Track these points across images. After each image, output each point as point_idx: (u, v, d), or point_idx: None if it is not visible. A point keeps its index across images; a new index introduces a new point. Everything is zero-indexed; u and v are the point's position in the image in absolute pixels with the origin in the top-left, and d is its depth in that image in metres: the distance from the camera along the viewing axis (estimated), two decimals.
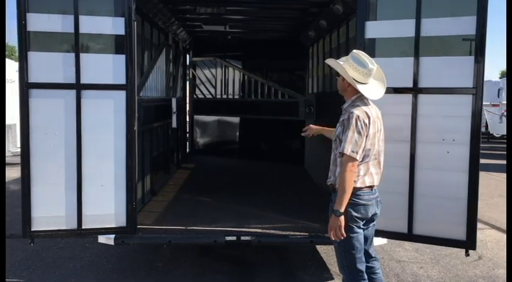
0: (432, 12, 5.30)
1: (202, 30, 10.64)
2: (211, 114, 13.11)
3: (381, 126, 4.14)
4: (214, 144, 13.58)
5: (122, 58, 5.49)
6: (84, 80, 5.40)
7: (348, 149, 3.78)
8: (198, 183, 9.47)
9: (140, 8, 6.37)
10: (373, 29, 5.58)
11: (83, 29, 5.37)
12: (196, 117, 13.38)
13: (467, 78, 5.20)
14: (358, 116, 3.83)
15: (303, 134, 4.99)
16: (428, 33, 5.33)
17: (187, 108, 12.79)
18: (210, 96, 13.14)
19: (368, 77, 4.00)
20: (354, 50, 4.12)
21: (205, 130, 13.74)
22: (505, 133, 21.03)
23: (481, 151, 5.23)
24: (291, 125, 11.51)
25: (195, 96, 13.17)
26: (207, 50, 12.77)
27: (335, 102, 8.82)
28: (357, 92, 4.00)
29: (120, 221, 5.60)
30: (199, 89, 13.27)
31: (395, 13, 5.59)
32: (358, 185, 3.94)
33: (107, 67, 5.49)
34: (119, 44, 5.54)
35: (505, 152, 16.69)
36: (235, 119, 13.14)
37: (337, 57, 8.25)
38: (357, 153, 3.81)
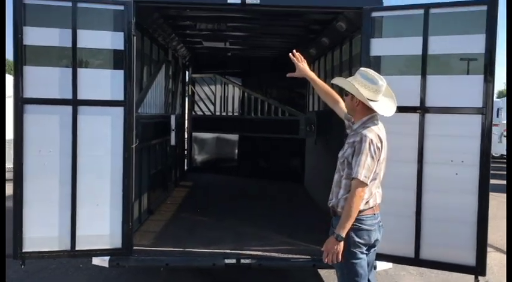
0: (440, 30, 5.18)
1: (202, 47, 10.54)
2: (210, 131, 12.95)
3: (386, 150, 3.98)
4: (213, 161, 13.39)
5: (120, 74, 5.34)
6: (81, 95, 5.24)
7: (361, 174, 3.60)
8: (196, 202, 9.24)
9: (140, 23, 6.24)
10: (379, 47, 5.46)
11: (80, 44, 5.23)
12: (195, 134, 13.21)
13: (476, 98, 5.05)
14: (372, 140, 3.65)
15: (290, 54, 4.50)
16: (435, 51, 5.20)
17: (186, 125, 12.62)
18: (209, 113, 12.98)
19: (378, 93, 3.84)
20: (361, 68, 3.97)
21: (203, 147, 13.56)
22: (504, 153, 20.88)
23: None
24: (291, 143, 11.40)
25: (193, 113, 13.01)
26: (206, 66, 12.67)
27: (337, 120, 8.74)
28: (367, 111, 3.84)
29: (116, 242, 5.38)
30: (198, 106, 13.13)
31: (402, 30, 5.48)
32: (361, 207, 3.76)
33: (104, 83, 5.34)
34: (118, 59, 5.39)
35: (505, 172, 16.47)
36: (234, 137, 12.98)
37: (340, 74, 8.23)
38: (368, 178, 3.64)
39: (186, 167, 12.83)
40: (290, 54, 4.34)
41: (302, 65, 4.30)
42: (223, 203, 9.13)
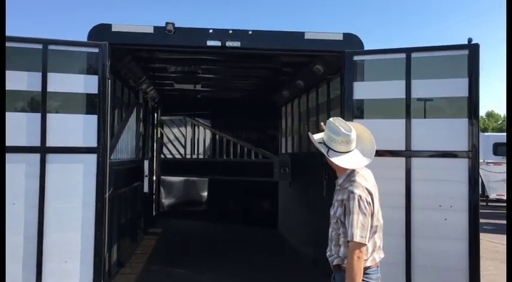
0: (422, 74, 5.17)
1: (172, 89, 10.33)
2: (179, 175, 12.55)
3: (378, 195, 3.78)
4: (182, 206, 12.92)
5: (93, 118, 5.04)
6: (50, 142, 4.89)
7: (356, 235, 3.35)
8: (167, 252, 8.76)
9: (113, 66, 5.99)
10: (361, 90, 5.39)
11: (51, 87, 4.93)
12: (163, 177, 12.78)
13: (461, 141, 5.01)
14: (360, 196, 3.42)
15: None
16: (419, 95, 5.18)
17: (154, 169, 12.19)
18: (179, 156, 12.63)
19: (348, 144, 3.58)
20: (330, 118, 3.72)
21: (171, 191, 13.11)
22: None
23: None
24: (264, 186, 11.15)
25: (162, 156, 12.63)
26: (176, 108, 12.42)
27: (312, 162, 8.69)
28: None
29: None
30: (168, 149, 12.77)
31: (384, 74, 5.44)
32: (369, 263, 3.51)
33: (76, 128, 5.02)
34: (91, 104, 5.10)
35: (499, 212, 15.94)
36: (204, 179, 12.63)
37: (316, 117, 8.18)
38: (365, 237, 3.40)
39: (154, 212, 12.30)
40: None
41: None
42: (197, 252, 8.67)
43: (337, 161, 3.52)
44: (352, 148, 3.58)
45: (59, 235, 4.88)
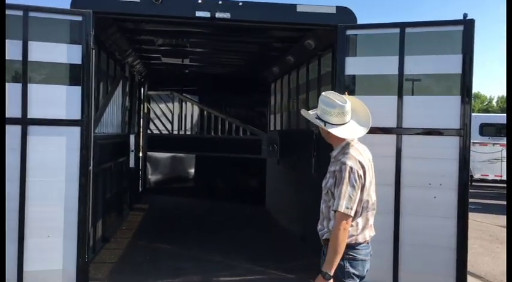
0: (416, 50, 5.06)
1: (159, 63, 10.10)
2: (166, 151, 12.40)
3: (373, 172, 3.72)
4: (168, 182, 12.82)
5: (77, 90, 4.87)
6: (31, 114, 4.73)
7: (341, 206, 3.31)
8: (153, 227, 8.69)
9: (97, 36, 5.78)
10: (353, 66, 5.27)
11: (32, 57, 4.74)
12: (149, 153, 12.63)
13: (453, 119, 4.94)
14: (352, 168, 3.37)
15: None
16: (412, 71, 5.07)
17: (141, 145, 12.02)
18: (165, 132, 12.46)
19: (344, 116, 3.54)
20: (323, 93, 3.68)
21: (158, 167, 12.98)
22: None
23: None
24: (251, 163, 11.07)
25: (149, 132, 12.45)
26: (163, 83, 12.20)
27: (301, 140, 8.59)
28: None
29: (70, 277, 4.83)
30: (155, 124, 12.59)
31: (377, 49, 5.32)
32: (360, 240, 3.46)
33: (59, 100, 4.85)
34: (74, 74, 4.93)
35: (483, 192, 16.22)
36: (191, 156, 12.51)
37: (306, 93, 8.06)
38: (351, 209, 3.35)
39: (140, 188, 12.19)
40: None
41: None
42: (184, 228, 8.61)
43: (335, 131, 3.47)
44: (347, 120, 3.55)
45: (41, 209, 4.76)
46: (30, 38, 4.72)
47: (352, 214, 3.40)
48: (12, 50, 4.67)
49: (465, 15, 4.91)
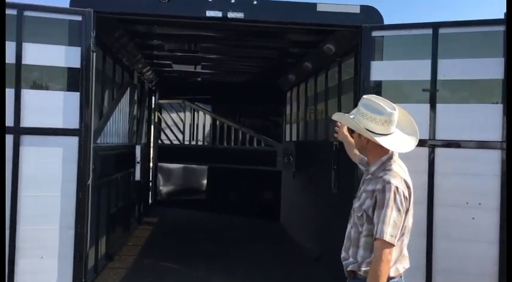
0: (451, 53, 4.55)
1: (171, 70, 9.71)
2: (177, 162, 11.97)
3: None
4: (179, 195, 12.35)
5: (75, 96, 4.49)
6: (25, 122, 4.36)
7: (386, 233, 2.79)
8: (161, 243, 8.20)
9: (101, 39, 5.36)
10: (380, 70, 4.79)
11: (26, 60, 4.38)
12: (160, 163, 12.20)
13: (494, 130, 4.41)
14: (397, 188, 2.85)
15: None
16: (446, 77, 4.56)
17: (151, 155, 11.61)
18: (177, 142, 12.04)
19: (390, 125, 3.04)
20: (364, 96, 3.17)
21: (169, 179, 12.53)
22: None
23: None
24: (266, 176, 10.56)
25: (160, 142, 12.04)
26: (175, 91, 11.80)
27: (319, 151, 8.08)
28: (382, 148, 3.03)
29: None
30: (165, 134, 12.19)
31: (406, 53, 4.83)
32: (392, 273, 2.94)
33: (55, 107, 4.48)
34: (73, 79, 4.54)
35: None
36: (203, 167, 12.04)
37: (325, 102, 7.56)
38: (395, 237, 2.82)
39: (150, 201, 11.73)
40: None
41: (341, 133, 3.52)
42: (193, 245, 8.08)
43: (385, 142, 2.95)
44: (393, 130, 3.04)
45: (34, 227, 4.37)
46: (24, 39, 4.36)
47: (396, 243, 2.88)
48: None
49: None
